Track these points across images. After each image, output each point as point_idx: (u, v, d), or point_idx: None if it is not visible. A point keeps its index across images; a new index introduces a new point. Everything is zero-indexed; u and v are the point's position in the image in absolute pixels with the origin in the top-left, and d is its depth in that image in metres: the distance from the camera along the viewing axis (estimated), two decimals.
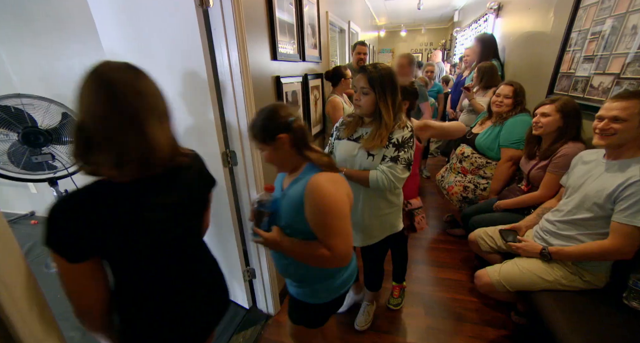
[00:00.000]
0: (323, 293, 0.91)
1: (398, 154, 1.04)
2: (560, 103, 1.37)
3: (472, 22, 4.15)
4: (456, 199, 1.92)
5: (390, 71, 1.06)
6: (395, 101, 1.06)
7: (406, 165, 1.05)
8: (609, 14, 1.29)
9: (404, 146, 1.05)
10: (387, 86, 1.04)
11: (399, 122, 1.07)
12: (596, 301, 1.10)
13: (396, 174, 1.04)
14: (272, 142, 0.79)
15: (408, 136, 1.06)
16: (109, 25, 1.32)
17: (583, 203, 1.10)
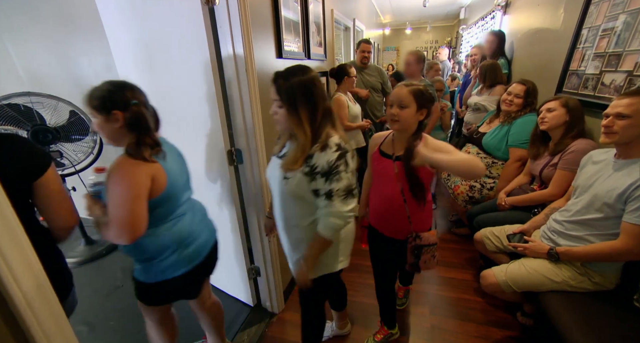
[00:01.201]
0: (146, 273, 0.94)
1: (330, 186, 0.84)
2: (564, 99, 1.39)
3: (479, 19, 4.10)
4: (462, 199, 1.91)
5: (306, 78, 0.85)
6: (312, 116, 0.85)
7: (346, 194, 0.86)
8: (622, 9, 1.26)
9: (334, 173, 0.84)
10: (297, 97, 0.84)
11: (320, 140, 0.85)
12: (606, 303, 1.08)
13: (338, 213, 0.86)
14: (106, 114, 0.82)
15: (335, 158, 0.83)
16: (116, 24, 1.33)
17: (593, 203, 1.08)
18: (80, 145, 1.86)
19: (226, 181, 1.33)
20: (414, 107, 0.99)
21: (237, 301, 1.70)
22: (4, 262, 0.42)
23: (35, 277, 0.47)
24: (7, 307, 0.45)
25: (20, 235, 0.45)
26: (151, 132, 0.88)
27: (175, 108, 1.33)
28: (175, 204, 0.95)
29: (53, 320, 0.50)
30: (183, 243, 0.96)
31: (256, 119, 1.25)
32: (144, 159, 0.82)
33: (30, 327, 0.46)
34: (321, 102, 0.87)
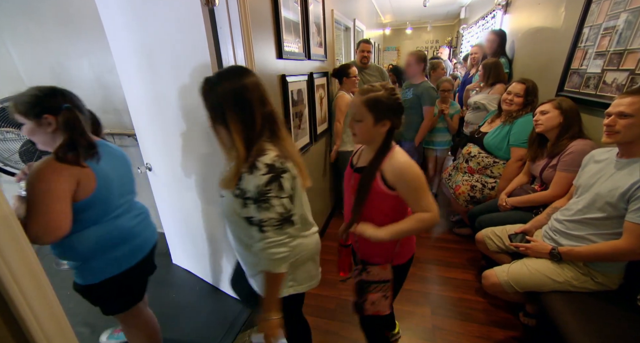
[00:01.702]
0: (82, 275, 0.93)
1: (260, 216, 0.74)
2: (557, 101, 1.40)
3: (480, 19, 4.09)
4: (463, 199, 1.90)
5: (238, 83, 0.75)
6: (246, 127, 0.75)
7: (280, 223, 0.76)
8: (623, 8, 1.26)
9: (264, 200, 0.73)
10: (225, 106, 0.73)
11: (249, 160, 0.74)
12: (609, 303, 1.07)
13: (274, 243, 0.77)
14: (37, 119, 0.81)
15: (264, 183, 0.72)
16: (116, 24, 1.33)
17: (595, 202, 1.07)
18: None
19: None
20: (369, 119, 0.86)
21: (238, 302, 1.69)
22: (4, 263, 0.42)
23: (36, 278, 0.47)
24: (8, 309, 0.45)
25: (20, 235, 0.45)
26: (86, 135, 0.87)
27: (175, 108, 1.33)
28: (108, 208, 0.94)
29: (54, 322, 0.50)
30: (119, 243, 0.96)
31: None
32: (69, 162, 0.80)
33: (31, 328, 0.46)
34: (258, 110, 0.76)
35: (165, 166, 1.59)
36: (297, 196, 0.83)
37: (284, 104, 1.55)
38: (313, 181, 2.41)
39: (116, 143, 2.22)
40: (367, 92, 0.87)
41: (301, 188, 0.86)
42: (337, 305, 1.68)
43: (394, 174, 0.86)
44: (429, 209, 0.87)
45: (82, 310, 1.58)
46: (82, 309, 1.59)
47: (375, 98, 0.85)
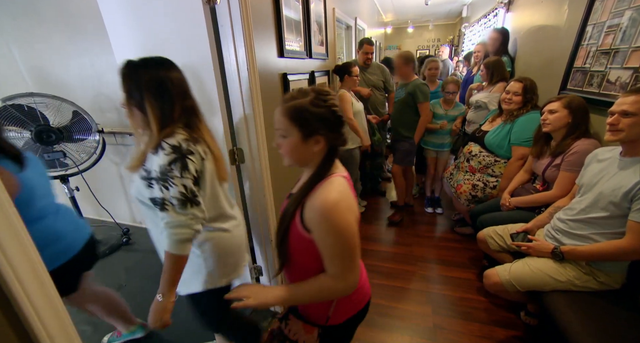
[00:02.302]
0: None
1: (162, 195, 0.75)
2: (567, 99, 1.36)
3: (482, 17, 4.07)
4: (465, 198, 1.89)
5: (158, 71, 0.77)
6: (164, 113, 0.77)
7: (182, 201, 0.76)
8: (628, 5, 1.24)
9: (166, 179, 0.74)
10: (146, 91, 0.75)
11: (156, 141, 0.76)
12: (611, 302, 1.07)
13: (178, 223, 0.76)
14: None
15: (167, 162, 0.74)
16: (118, 23, 1.33)
17: (598, 202, 1.06)
18: (83, 145, 1.87)
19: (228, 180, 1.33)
20: (295, 135, 0.66)
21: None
22: (6, 262, 0.42)
23: (38, 276, 0.47)
24: (11, 307, 0.45)
25: (22, 234, 0.45)
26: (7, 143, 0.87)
27: None
28: (30, 211, 0.94)
29: (56, 320, 0.50)
30: (44, 243, 0.96)
31: (258, 118, 1.25)
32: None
33: (34, 326, 0.46)
34: (179, 102, 0.79)
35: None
36: (210, 184, 0.84)
37: None
38: None
39: (117, 142, 2.22)
40: (289, 100, 0.66)
41: (216, 178, 0.86)
42: None
43: (311, 213, 0.64)
44: (340, 276, 0.66)
45: None
46: None
47: (298, 107, 0.64)
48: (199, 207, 0.80)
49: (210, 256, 0.91)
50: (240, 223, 1.02)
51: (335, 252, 0.65)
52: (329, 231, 0.63)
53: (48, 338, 0.49)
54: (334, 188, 0.65)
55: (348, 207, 0.64)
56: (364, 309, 0.82)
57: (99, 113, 2.05)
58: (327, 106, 0.66)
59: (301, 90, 0.68)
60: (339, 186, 0.66)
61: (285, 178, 1.62)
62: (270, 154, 1.38)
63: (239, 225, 1.00)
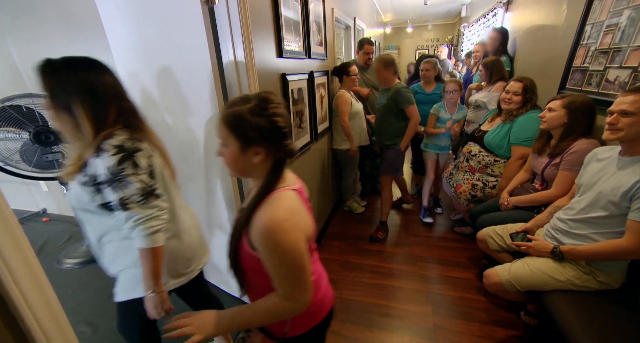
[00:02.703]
0: None
1: (119, 195, 0.73)
2: (568, 99, 1.34)
3: (481, 17, 4.07)
4: (464, 198, 1.89)
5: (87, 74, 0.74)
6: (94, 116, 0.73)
7: (144, 196, 0.76)
8: (626, 5, 1.25)
9: (119, 180, 0.72)
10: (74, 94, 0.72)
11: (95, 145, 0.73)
12: (611, 302, 1.07)
13: (146, 218, 0.75)
14: None
15: (115, 163, 0.72)
16: (116, 23, 1.33)
17: (597, 201, 1.06)
18: None
19: (227, 181, 1.33)
20: (234, 144, 0.62)
21: (239, 301, 1.70)
22: (4, 264, 0.42)
23: (35, 278, 0.47)
24: (8, 309, 0.45)
25: (19, 235, 0.45)
26: None
27: (175, 108, 1.33)
28: None
29: (53, 322, 0.50)
30: None
31: None
32: None
33: (31, 328, 0.46)
34: (113, 104, 0.77)
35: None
36: (161, 178, 0.84)
37: None
38: (314, 180, 2.39)
39: None
40: (229, 106, 0.62)
41: (167, 175, 0.86)
42: (338, 304, 1.68)
43: (255, 231, 0.61)
44: (289, 297, 0.63)
45: (84, 309, 1.59)
46: (84, 308, 1.59)
47: (236, 115, 0.60)
48: (162, 198, 0.81)
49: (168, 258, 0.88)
50: (192, 225, 0.99)
51: (281, 273, 0.61)
52: (273, 251, 0.59)
53: (45, 339, 0.49)
54: (279, 205, 0.62)
55: (294, 225, 0.61)
56: (326, 318, 0.80)
57: None
58: (267, 116, 0.61)
59: (245, 96, 0.64)
60: (287, 201, 0.63)
61: None
62: None
63: (191, 227, 0.98)
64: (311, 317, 0.77)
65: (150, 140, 0.84)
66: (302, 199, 0.68)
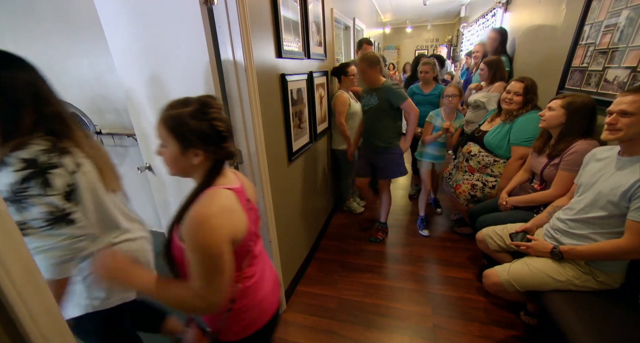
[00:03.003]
0: None
1: (20, 218, 0.64)
2: (568, 100, 1.34)
3: (480, 17, 4.08)
4: (464, 198, 1.89)
5: None
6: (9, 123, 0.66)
7: (51, 222, 0.67)
8: (625, 5, 1.25)
9: (20, 199, 0.64)
10: None
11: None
12: (611, 301, 1.07)
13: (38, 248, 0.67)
14: None
15: (20, 179, 0.63)
16: (115, 24, 1.33)
17: (596, 201, 1.06)
18: None
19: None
20: (174, 146, 0.63)
21: None
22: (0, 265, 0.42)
23: (33, 279, 0.46)
24: (5, 310, 0.44)
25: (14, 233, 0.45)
26: None
27: None
28: None
29: (52, 323, 0.50)
30: None
31: (256, 119, 1.25)
32: None
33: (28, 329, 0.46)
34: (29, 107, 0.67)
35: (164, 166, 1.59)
36: (92, 197, 0.75)
37: (283, 103, 1.54)
38: (314, 180, 2.38)
39: (115, 143, 2.21)
40: (169, 108, 0.64)
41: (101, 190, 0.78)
42: (338, 304, 1.68)
43: (185, 224, 0.62)
44: (200, 294, 0.62)
45: None
46: None
47: (176, 118, 0.62)
48: (77, 224, 0.71)
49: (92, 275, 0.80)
50: (139, 237, 0.91)
51: (197, 269, 0.61)
52: (193, 246, 0.60)
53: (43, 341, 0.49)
54: (213, 202, 0.63)
55: (220, 225, 0.61)
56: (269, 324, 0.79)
57: (97, 114, 2.04)
58: (208, 120, 0.63)
59: (186, 99, 0.65)
60: (221, 199, 0.64)
61: (284, 179, 1.62)
62: (269, 156, 1.37)
63: (137, 239, 0.90)
64: (251, 322, 0.76)
65: (84, 150, 0.74)
66: (240, 199, 0.69)
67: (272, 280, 0.84)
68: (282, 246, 1.58)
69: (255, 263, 0.76)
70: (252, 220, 0.73)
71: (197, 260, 0.61)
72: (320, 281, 1.87)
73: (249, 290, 0.74)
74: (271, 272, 0.85)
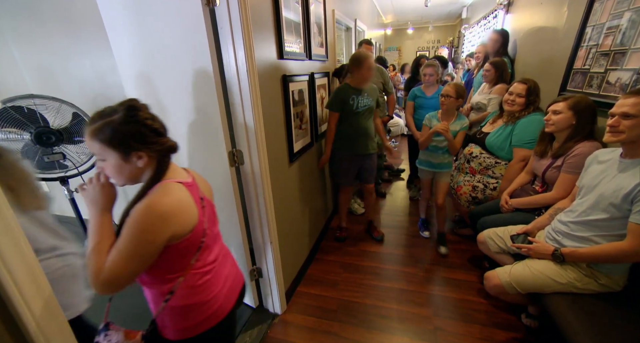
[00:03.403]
0: None
1: None
2: (573, 101, 1.33)
3: (481, 19, 4.07)
4: (465, 200, 1.89)
5: None
6: None
7: None
8: (627, 7, 1.25)
9: None
10: None
11: None
12: (613, 304, 1.06)
13: None
14: None
15: None
16: (117, 25, 1.33)
17: (598, 204, 1.06)
18: (83, 147, 1.87)
19: (227, 182, 1.33)
20: (114, 156, 0.65)
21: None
22: (3, 265, 0.42)
23: (35, 279, 0.47)
24: (7, 309, 0.45)
25: (18, 234, 0.45)
26: None
27: (176, 109, 1.33)
28: None
29: (53, 323, 0.50)
30: None
31: (257, 119, 1.25)
32: None
33: (30, 329, 0.46)
34: None
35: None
36: None
37: (284, 104, 1.55)
38: (315, 181, 2.38)
39: None
40: (95, 120, 0.64)
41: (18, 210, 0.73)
42: (339, 305, 1.68)
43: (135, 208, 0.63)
44: (104, 269, 0.61)
45: None
46: None
47: (107, 128, 0.62)
48: None
49: None
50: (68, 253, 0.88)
51: (118, 245, 0.61)
52: (133, 223, 0.61)
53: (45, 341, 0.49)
54: (166, 192, 0.64)
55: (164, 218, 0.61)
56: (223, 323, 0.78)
57: None
58: (139, 121, 0.64)
59: (108, 109, 0.65)
60: (174, 190, 0.66)
61: (285, 180, 1.62)
62: (269, 156, 1.38)
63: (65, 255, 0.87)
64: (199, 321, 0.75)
65: None
66: (192, 194, 0.70)
67: (231, 280, 0.83)
68: (282, 247, 1.58)
69: (208, 261, 0.76)
70: (207, 216, 0.73)
71: (122, 237, 0.61)
72: (320, 282, 1.87)
73: (198, 288, 0.74)
74: (231, 272, 0.84)
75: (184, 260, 0.70)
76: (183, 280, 0.71)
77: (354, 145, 1.97)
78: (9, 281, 0.43)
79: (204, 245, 0.73)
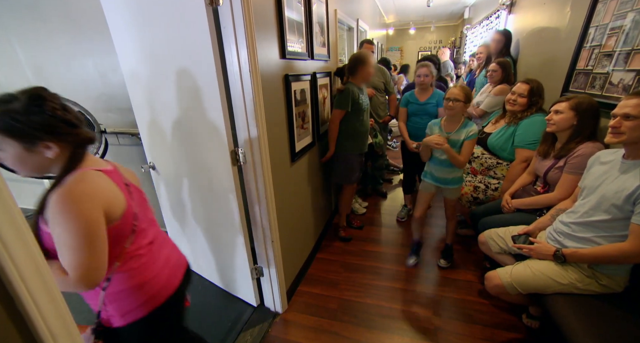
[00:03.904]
0: None
1: None
2: (575, 101, 1.33)
3: (484, 19, 4.07)
4: (466, 200, 1.89)
5: None
6: None
7: None
8: (631, 7, 1.24)
9: None
10: None
11: None
12: (614, 305, 1.06)
13: None
14: None
15: None
16: (121, 25, 1.34)
17: (600, 205, 1.06)
18: None
19: (230, 181, 1.34)
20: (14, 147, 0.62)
21: (240, 301, 1.70)
22: (10, 260, 0.43)
23: (42, 276, 0.47)
24: (14, 306, 0.45)
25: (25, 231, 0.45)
26: None
27: (178, 108, 1.34)
28: None
29: (60, 320, 0.50)
30: None
31: (259, 119, 1.25)
32: None
33: (37, 326, 0.46)
34: None
35: (167, 165, 1.60)
36: None
37: (287, 103, 1.55)
38: (316, 181, 2.38)
39: (120, 142, 2.23)
40: None
41: None
42: (339, 305, 1.68)
43: (51, 202, 0.60)
44: (70, 270, 0.60)
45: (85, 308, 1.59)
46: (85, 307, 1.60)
47: (5, 117, 0.59)
48: None
49: None
50: None
51: (63, 243, 0.59)
52: (57, 220, 0.58)
53: (51, 337, 0.49)
54: (82, 179, 0.62)
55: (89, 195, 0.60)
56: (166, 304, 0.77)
57: (101, 113, 2.06)
58: (46, 111, 0.60)
59: (6, 95, 0.60)
60: (91, 176, 0.64)
61: (286, 179, 1.62)
62: (272, 155, 1.38)
63: None
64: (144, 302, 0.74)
65: None
66: (114, 179, 0.69)
67: (174, 261, 0.83)
68: (283, 246, 1.58)
69: (143, 244, 0.76)
70: (136, 201, 0.73)
71: (60, 233, 0.59)
72: (321, 281, 1.87)
73: (135, 270, 0.73)
74: (173, 254, 0.84)
75: (119, 246, 0.69)
76: (119, 265, 0.71)
77: (362, 144, 2.09)
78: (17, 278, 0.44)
79: (138, 228, 0.73)
